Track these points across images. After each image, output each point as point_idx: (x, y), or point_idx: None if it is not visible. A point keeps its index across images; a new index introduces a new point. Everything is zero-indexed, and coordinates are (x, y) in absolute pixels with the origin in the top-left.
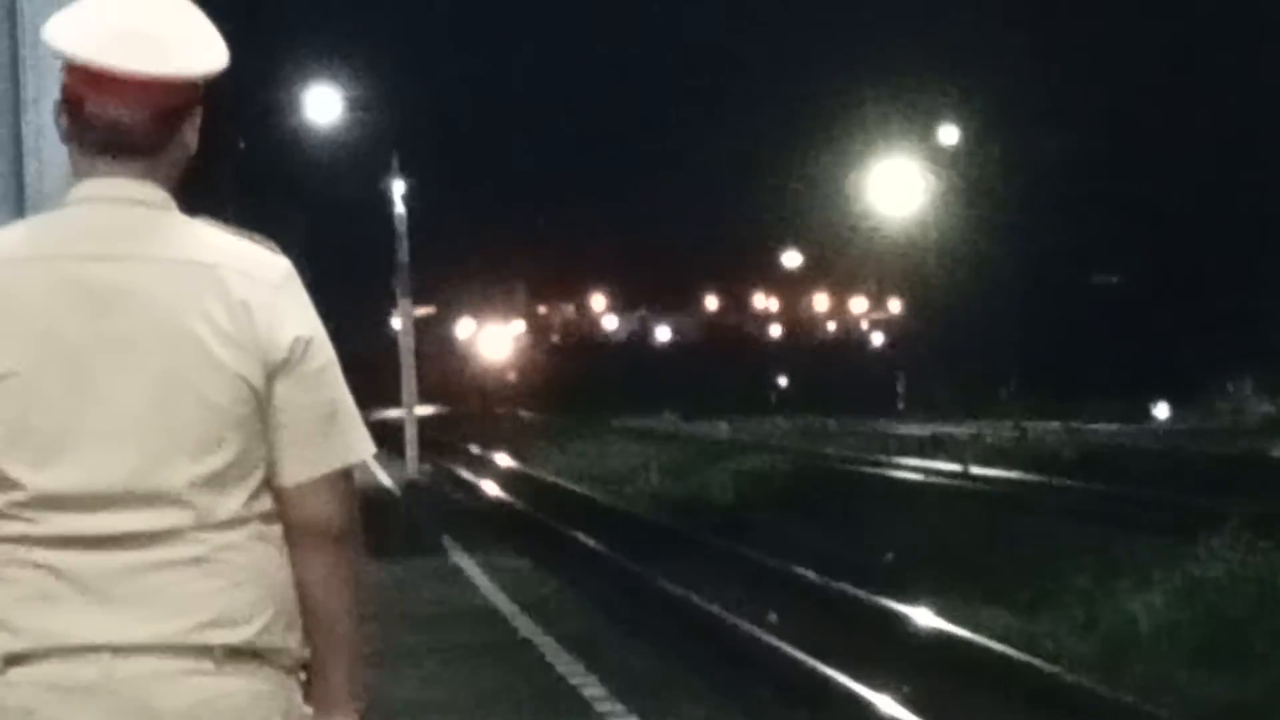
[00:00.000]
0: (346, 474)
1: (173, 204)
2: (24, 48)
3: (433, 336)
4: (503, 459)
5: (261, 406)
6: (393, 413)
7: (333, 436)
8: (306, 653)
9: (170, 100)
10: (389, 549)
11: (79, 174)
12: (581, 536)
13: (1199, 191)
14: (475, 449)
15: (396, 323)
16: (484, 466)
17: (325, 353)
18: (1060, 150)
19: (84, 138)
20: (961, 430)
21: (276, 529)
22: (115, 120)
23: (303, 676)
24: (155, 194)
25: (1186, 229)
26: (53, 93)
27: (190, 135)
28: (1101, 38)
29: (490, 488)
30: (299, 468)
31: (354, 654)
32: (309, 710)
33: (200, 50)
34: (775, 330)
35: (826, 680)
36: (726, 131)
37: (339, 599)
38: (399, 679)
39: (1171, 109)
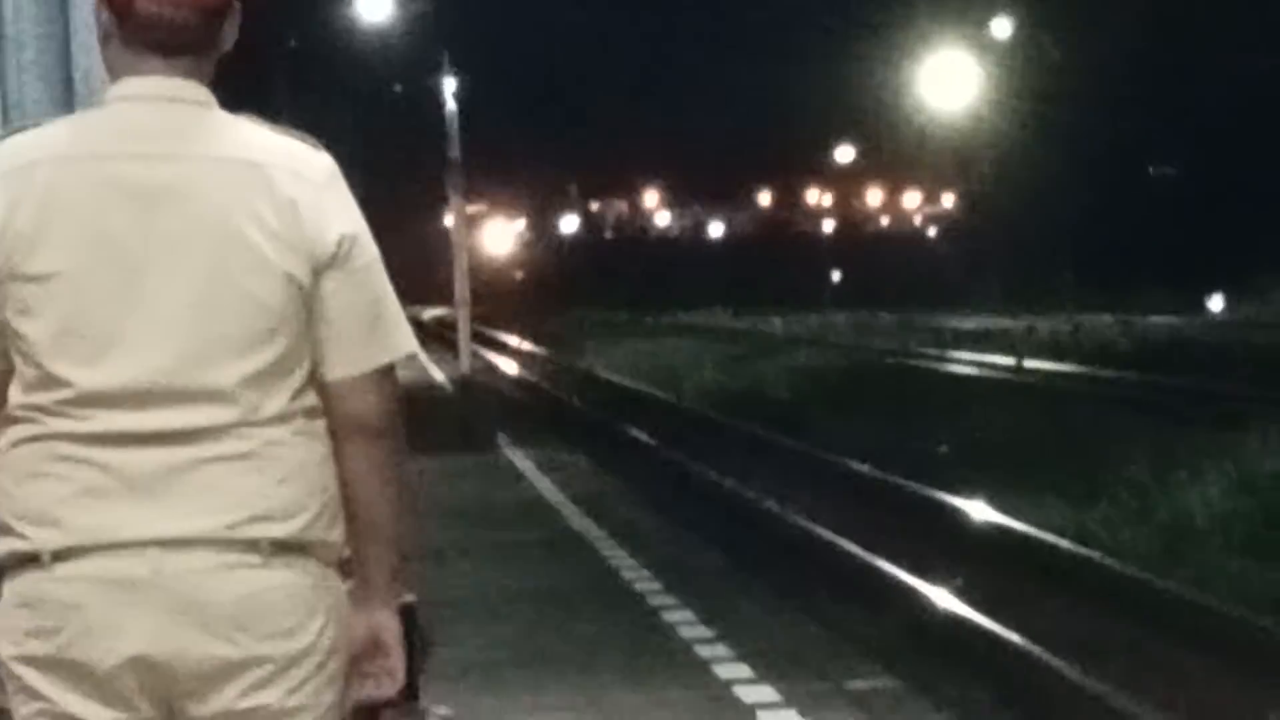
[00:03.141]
0: (390, 369)
1: (214, 101)
2: None
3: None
4: (556, 355)
5: (307, 303)
6: (435, 311)
7: (377, 332)
8: (348, 550)
9: None
10: (442, 444)
11: (119, 71)
12: (635, 431)
13: (1259, 83)
14: (527, 345)
15: (449, 220)
16: (536, 363)
17: (370, 250)
18: (1116, 46)
19: (131, 35)
20: (1015, 324)
21: (321, 424)
22: (166, 18)
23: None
24: (199, 92)
25: (1245, 121)
26: None
27: (230, 33)
28: None
29: (543, 384)
30: (344, 364)
31: (396, 548)
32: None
33: None
34: (828, 225)
35: (881, 574)
36: (777, 23)
37: (382, 494)
38: (450, 574)
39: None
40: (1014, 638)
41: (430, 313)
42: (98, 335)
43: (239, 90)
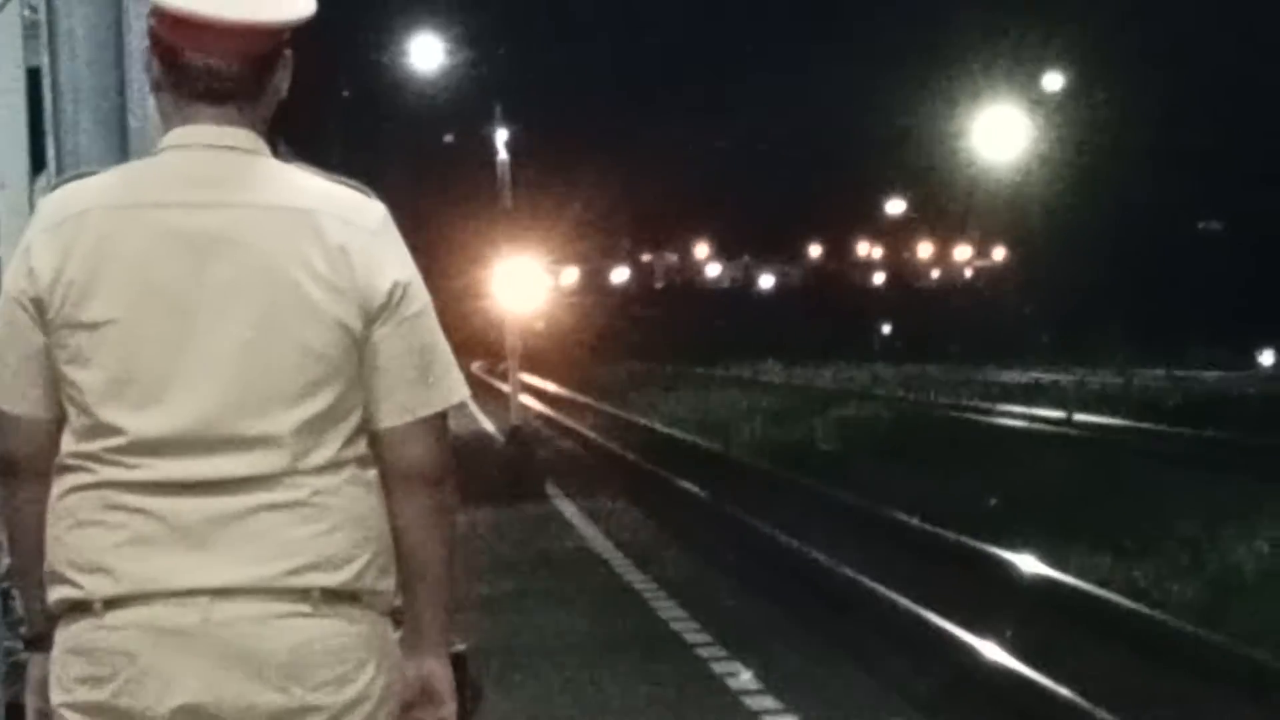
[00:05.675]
0: (442, 416)
1: (266, 149)
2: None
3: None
4: (606, 407)
5: (359, 351)
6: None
7: (429, 380)
8: (399, 599)
9: (263, 47)
10: (492, 494)
11: (170, 121)
12: (685, 483)
13: None
14: (579, 397)
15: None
16: (587, 414)
17: (421, 297)
18: (1164, 98)
19: (180, 84)
20: (1065, 377)
21: (372, 473)
22: (212, 68)
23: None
24: (249, 139)
25: None
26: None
27: (282, 80)
28: None
29: (593, 434)
30: (396, 412)
31: (447, 597)
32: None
33: None
34: (879, 278)
35: (929, 625)
36: (828, 77)
37: (434, 542)
38: (500, 623)
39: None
40: (1061, 690)
41: (476, 364)
42: (149, 383)
43: (294, 140)
